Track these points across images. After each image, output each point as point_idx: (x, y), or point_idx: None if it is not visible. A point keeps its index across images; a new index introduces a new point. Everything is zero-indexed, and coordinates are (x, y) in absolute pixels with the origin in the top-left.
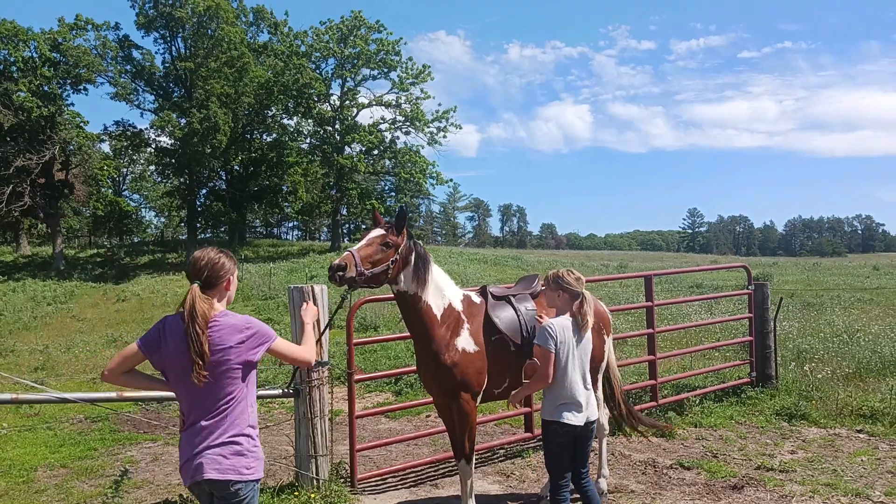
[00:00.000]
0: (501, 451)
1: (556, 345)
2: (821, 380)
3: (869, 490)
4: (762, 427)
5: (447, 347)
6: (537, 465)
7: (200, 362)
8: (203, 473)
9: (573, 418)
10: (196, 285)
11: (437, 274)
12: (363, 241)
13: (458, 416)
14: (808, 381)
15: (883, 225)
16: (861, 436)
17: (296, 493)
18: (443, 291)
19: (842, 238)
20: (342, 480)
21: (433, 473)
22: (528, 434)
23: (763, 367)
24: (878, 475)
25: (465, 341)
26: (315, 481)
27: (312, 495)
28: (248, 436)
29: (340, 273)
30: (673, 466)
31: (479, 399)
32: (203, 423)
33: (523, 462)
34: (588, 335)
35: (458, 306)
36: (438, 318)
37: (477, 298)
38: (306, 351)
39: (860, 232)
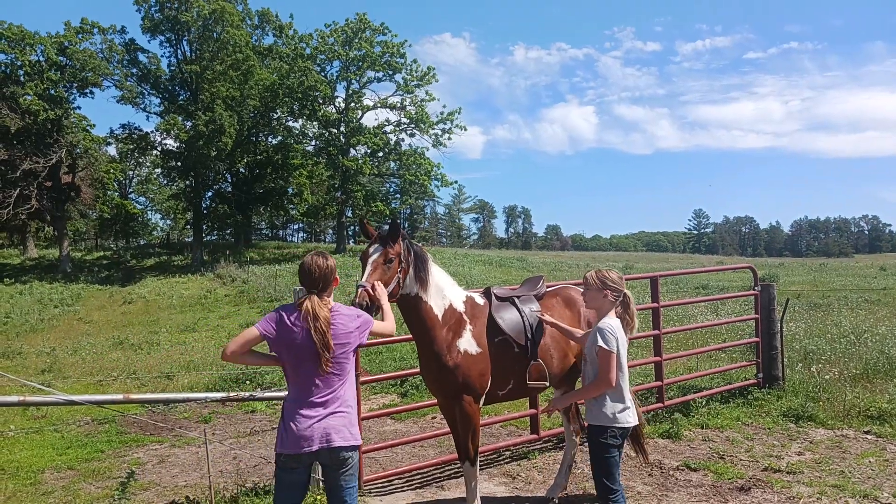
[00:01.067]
0: (507, 453)
1: (617, 346)
2: (828, 381)
3: (877, 491)
4: (769, 428)
5: (449, 349)
6: (543, 467)
7: (328, 354)
8: (332, 441)
9: (631, 419)
10: (313, 295)
11: (437, 274)
12: (368, 269)
13: (460, 418)
14: (815, 382)
15: (889, 225)
16: (869, 437)
17: None
18: (444, 292)
19: (848, 238)
20: None
21: (439, 475)
22: (535, 436)
23: (770, 369)
24: (886, 476)
25: (468, 343)
26: (321, 482)
27: (319, 497)
28: (353, 408)
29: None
30: (679, 468)
31: (482, 401)
32: (321, 399)
33: (529, 464)
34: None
35: (461, 307)
36: (440, 318)
37: (480, 300)
38: (390, 325)
39: (867, 232)
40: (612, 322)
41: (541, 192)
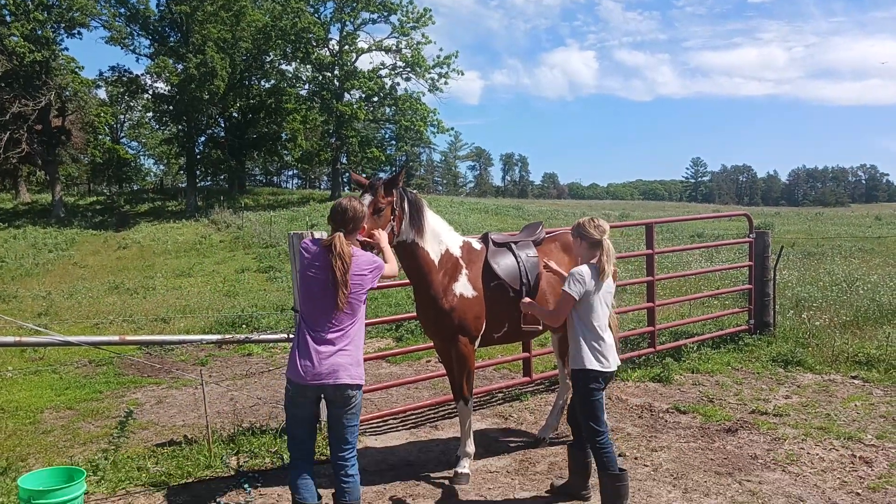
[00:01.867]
0: (500, 395)
1: (581, 291)
2: (818, 327)
3: (861, 434)
4: (758, 373)
5: (445, 292)
6: (535, 409)
7: (345, 290)
8: (337, 378)
9: (608, 364)
10: (340, 233)
11: (433, 221)
12: None
13: (456, 358)
14: (805, 329)
15: (887, 175)
16: (856, 382)
17: None
18: (440, 237)
19: (845, 188)
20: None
21: (433, 416)
22: (527, 378)
23: (761, 315)
24: (870, 419)
25: (463, 286)
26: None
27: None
28: (360, 349)
29: None
30: (669, 410)
31: (477, 343)
32: (332, 335)
33: (521, 405)
34: (609, 284)
35: (457, 252)
36: (436, 263)
37: (477, 245)
38: (393, 266)
39: (864, 182)
40: (582, 269)
41: (539, 139)
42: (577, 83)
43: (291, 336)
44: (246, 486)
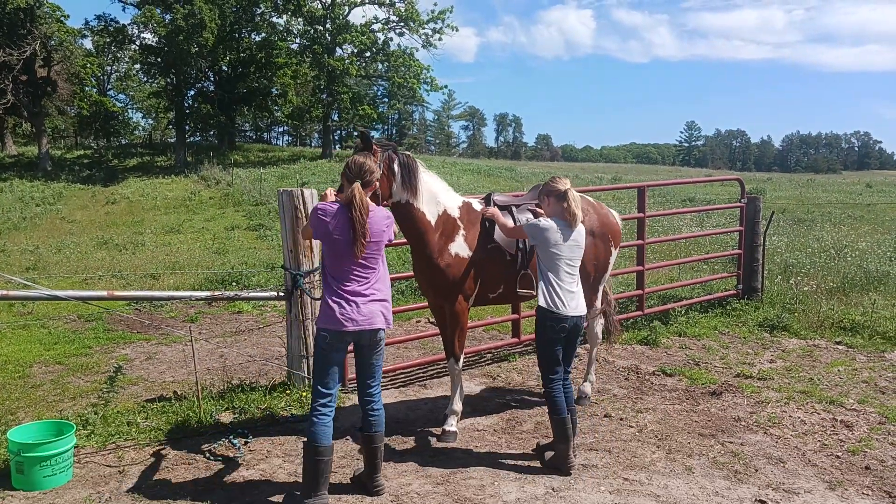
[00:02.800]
0: (489, 356)
1: (536, 239)
2: (805, 293)
3: (843, 398)
4: (744, 337)
5: (440, 252)
6: (523, 369)
7: (363, 241)
8: (373, 324)
9: (563, 309)
10: (359, 184)
11: (430, 181)
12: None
13: (449, 316)
14: (792, 294)
15: (880, 142)
16: (840, 347)
17: (287, 392)
18: (437, 198)
19: (838, 155)
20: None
21: (422, 375)
22: (515, 339)
23: (750, 280)
24: (853, 384)
25: (459, 247)
26: (306, 380)
27: (304, 393)
28: (388, 296)
29: None
30: (655, 373)
31: (471, 301)
32: (362, 286)
33: (509, 366)
34: (579, 233)
35: (455, 213)
36: (433, 224)
37: (478, 206)
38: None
39: (857, 149)
40: (547, 221)
41: (533, 100)
42: (573, 42)
43: (281, 294)
44: (234, 441)
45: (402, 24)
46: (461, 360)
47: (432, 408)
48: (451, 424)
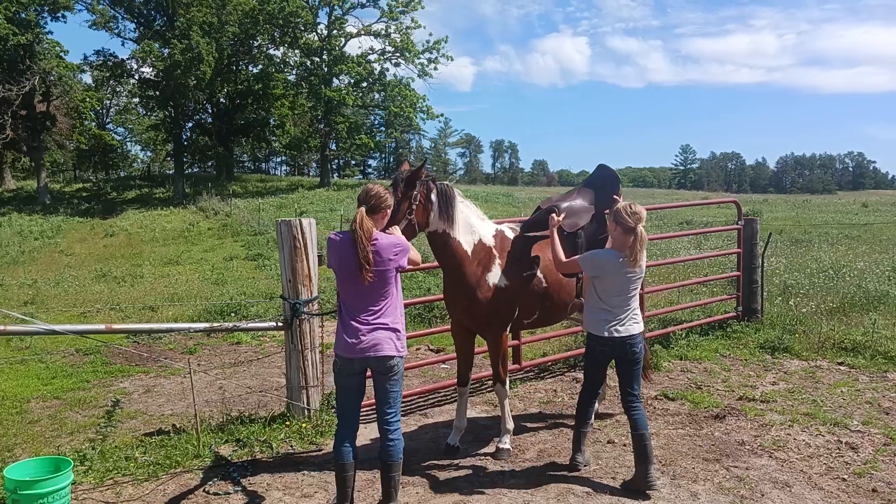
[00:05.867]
0: (489, 383)
1: (591, 272)
2: (805, 314)
3: (847, 420)
4: (746, 360)
5: (479, 283)
6: (524, 396)
7: (367, 265)
8: (378, 351)
9: (610, 332)
10: (363, 208)
11: (465, 210)
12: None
13: (491, 344)
14: (792, 316)
15: (874, 162)
16: (842, 368)
17: (287, 423)
18: (473, 227)
19: (833, 175)
20: (332, 410)
21: (423, 403)
22: (516, 366)
23: (749, 302)
24: (857, 405)
25: (497, 276)
26: (306, 411)
27: (304, 424)
28: (400, 324)
29: None
30: (658, 397)
31: (508, 328)
32: (370, 314)
33: (510, 393)
34: (639, 270)
35: (490, 241)
36: (469, 253)
37: (510, 233)
38: (416, 254)
39: (851, 169)
40: (602, 255)
41: (530, 126)
42: (568, 70)
43: (280, 324)
44: (235, 475)
45: (397, 54)
46: (508, 383)
47: (434, 437)
48: (505, 442)
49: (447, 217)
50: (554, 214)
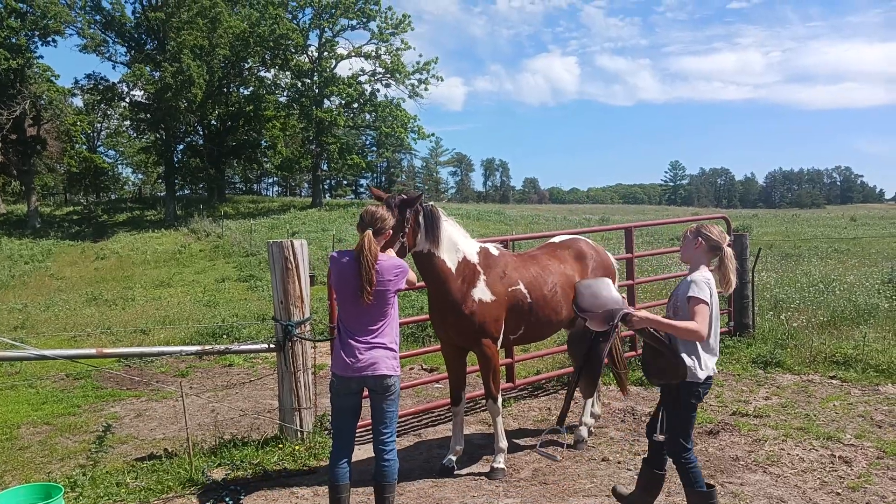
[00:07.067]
0: (483, 402)
1: (710, 297)
2: (796, 328)
3: (840, 433)
4: (738, 375)
5: (464, 298)
6: (518, 415)
7: (369, 287)
8: (376, 370)
9: (713, 371)
10: (370, 231)
11: (449, 230)
12: None
13: (481, 360)
14: (783, 330)
15: (861, 176)
16: (834, 381)
17: (280, 446)
18: (457, 246)
19: (821, 190)
20: (326, 432)
21: (416, 424)
22: (510, 384)
23: (741, 317)
24: (849, 419)
25: (482, 292)
26: (299, 433)
27: (297, 447)
28: (396, 345)
29: None
30: (650, 414)
31: (499, 343)
32: (368, 334)
33: (504, 411)
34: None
35: (474, 259)
36: (453, 271)
37: (495, 251)
38: (412, 275)
39: (839, 183)
40: (706, 274)
41: (521, 144)
42: (558, 89)
43: (272, 346)
44: (227, 499)
45: (388, 75)
46: (500, 399)
47: (428, 457)
48: (499, 461)
49: (433, 238)
50: (631, 314)
